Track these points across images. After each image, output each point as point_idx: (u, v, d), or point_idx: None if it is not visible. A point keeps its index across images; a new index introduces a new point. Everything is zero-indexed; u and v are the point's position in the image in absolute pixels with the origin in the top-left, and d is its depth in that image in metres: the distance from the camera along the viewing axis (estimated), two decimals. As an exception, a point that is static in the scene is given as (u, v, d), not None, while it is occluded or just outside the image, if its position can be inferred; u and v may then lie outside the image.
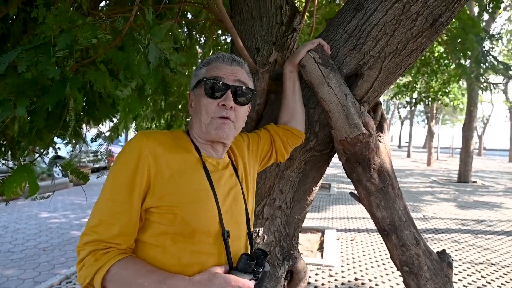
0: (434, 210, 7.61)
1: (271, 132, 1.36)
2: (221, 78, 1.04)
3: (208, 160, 1.05)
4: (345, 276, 3.98)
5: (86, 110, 2.61)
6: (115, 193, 0.92)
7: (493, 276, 4.08)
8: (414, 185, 11.37)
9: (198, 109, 1.06)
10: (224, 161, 1.11)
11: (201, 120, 1.04)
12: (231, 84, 1.04)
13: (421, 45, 1.33)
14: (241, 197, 1.10)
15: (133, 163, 0.93)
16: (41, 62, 1.21)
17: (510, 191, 10.55)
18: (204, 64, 1.10)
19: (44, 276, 3.92)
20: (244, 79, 1.07)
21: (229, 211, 1.03)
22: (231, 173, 1.12)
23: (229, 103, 1.02)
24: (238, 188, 1.10)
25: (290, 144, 1.37)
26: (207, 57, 1.12)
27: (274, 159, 1.37)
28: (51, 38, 1.21)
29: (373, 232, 5.78)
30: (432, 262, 1.47)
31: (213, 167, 1.06)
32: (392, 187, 1.47)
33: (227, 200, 1.04)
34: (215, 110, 1.03)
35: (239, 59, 1.11)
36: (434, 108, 16.51)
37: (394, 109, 32.17)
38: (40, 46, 1.21)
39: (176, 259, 0.93)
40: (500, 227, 6.33)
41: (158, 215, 0.93)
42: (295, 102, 1.41)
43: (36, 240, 5.21)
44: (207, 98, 1.03)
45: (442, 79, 5.95)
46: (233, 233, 1.02)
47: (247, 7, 1.84)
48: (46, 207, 7.26)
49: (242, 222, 1.07)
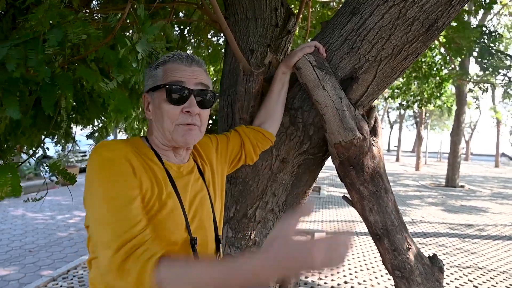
0: (422, 214, 7.69)
1: (241, 134, 1.33)
2: (183, 83, 0.96)
3: (171, 167, 1.01)
4: (334, 279, 3.98)
5: (76, 109, 2.57)
6: (112, 200, 0.84)
7: (480, 280, 4.13)
8: (403, 189, 11.47)
9: (160, 115, 0.98)
10: (188, 166, 1.06)
11: (164, 127, 0.98)
12: (193, 88, 0.97)
13: (416, 50, 1.34)
14: (207, 202, 1.07)
15: (124, 165, 0.88)
16: (31, 59, 1.17)
17: (496, 196, 10.72)
18: (160, 64, 1.00)
19: (30, 278, 3.83)
20: (205, 81, 1.01)
21: (196, 217, 1.01)
22: (197, 177, 1.08)
23: (194, 110, 0.96)
24: (205, 193, 1.07)
25: (260, 147, 1.35)
26: (162, 56, 1.06)
27: (243, 161, 1.34)
28: (41, 33, 1.17)
29: (362, 235, 5.81)
30: (424, 267, 1.47)
31: (177, 173, 1.01)
32: (385, 191, 1.47)
33: (193, 206, 1.01)
34: (179, 116, 0.96)
35: (197, 58, 1.03)
36: (423, 112, 16.71)
37: (384, 113, 32.50)
38: (29, 41, 1.18)
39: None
40: (487, 231, 6.43)
41: None
42: (278, 104, 1.39)
43: (22, 241, 5.10)
44: (169, 104, 0.96)
45: (434, 83, 6.02)
46: (201, 239, 1.00)
47: (241, 8, 1.83)
48: (33, 207, 7.12)
49: (209, 227, 1.05)
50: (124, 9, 1.24)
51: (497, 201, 9.77)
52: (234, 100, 1.66)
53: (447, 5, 1.24)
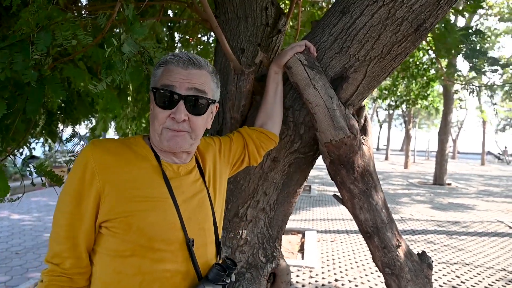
0: (411, 211, 7.78)
1: (244, 135, 1.32)
2: (173, 87, 0.94)
3: (168, 167, 1.00)
4: (325, 277, 4.01)
5: (64, 109, 2.53)
6: (64, 205, 0.92)
7: (467, 275, 4.20)
8: (392, 187, 11.60)
9: (151, 116, 0.99)
10: (187, 166, 1.05)
11: (154, 129, 0.98)
12: (183, 93, 0.94)
13: (405, 49, 1.35)
14: (207, 203, 1.05)
15: (79, 174, 0.91)
16: (16, 63, 1.14)
17: (482, 194, 10.92)
18: (162, 64, 0.99)
19: (17, 281, 3.77)
20: (201, 85, 0.96)
21: (193, 218, 1.00)
22: (196, 178, 1.07)
23: (179, 117, 0.93)
24: (204, 194, 1.06)
25: (263, 148, 1.34)
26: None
27: (247, 163, 1.33)
28: (28, 36, 1.15)
29: (353, 233, 5.86)
30: (413, 264, 1.49)
31: (173, 173, 1.01)
32: (375, 189, 1.49)
33: (190, 207, 1.00)
34: (166, 120, 0.95)
35: (198, 59, 0.98)
36: (411, 112, 16.92)
37: (373, 112, 32.79)
38: (16, 44, 1.15)
39: (136, 267, 0.91)
40: (473, 228, 6.54)
41: (112, 229, 0.91)
42: (275, 104, 1.39)
43: (8, 243, 5.01)
44: (158, 108, 0.96)
45: (421, 83, 6.10)
46: (199, 240, 0.99)
47: (232, 7, 1.83)
48: (19, 208, 7.00)
49: (208, 229, 1.04)
50: (114, 8, 1.22)
51: (483, 199, 9.95)
52: (225, 99, 1.65)
53: (435, 6, 1.26)
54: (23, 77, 1.14)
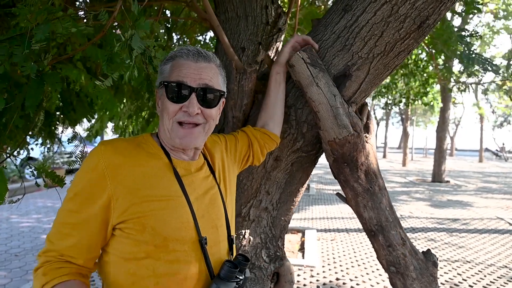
0: (410, 209, 7.79)
1: (249, 134, 1.32)
2: (185, 81, 0.94)
3: (178, 164, 1.00)
4: (326, 276, 4.00)
5: (62, 110, 2.51)
6: (72, 204, 0.90)
7: (469, 273, 4.20)
8: (390, 185, 11.62)
9: (161, 112, 0.99)
10: (197, 163, 1.05)
11: (164, 125, 0.98)
12: (195, 86, 0.94)
13: (408, 46, 1.34)
14: (219, 200, 1.05)
15: (89, 175, 0.90)
16: (16, 55, 1.13)
17: (481, 190, 10.95)
18: (169, 59, 0.99)
19: (16, 283, 3.75)
20: (211, 79, 0.97)
21: (206, 216, 0.98)
22: (207, 174, 1.06)
23: (193, 110, 0.93)
24: (216, 190, 1.05)
25: (267, 148, 1.35)
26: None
27: (251, 162, 1.33)
28: (27, 29, 1.14)
29: (352, 232, 5.86)
30: (418, 262, 1.48)
31: (184, 171, 1.00)
32: (378, 187, 1.48)
33: (202, 204, 0.99)
34: (178, 113, 0.95)
35: (206, 53, 0.99)
36: (409, 110, 16.93)
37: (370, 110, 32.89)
38: (15, 37, 1.14)
39: (150, 270, 0.90)
40: (473, 225, 6.55)
41: (126, 231, 0.89)
42: (277, 104, 1.38)
43: (7, 245, 4.98)
44: (169, 101, 0.95)
45: (420, 81, 6.10)
46: (212, 238, 0.98)
47: (232, 6, 1.82)
48: (18, 210, 6.97)
49: (221, 226, 1.03)
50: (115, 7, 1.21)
51: (482, 195, 9.98)
52: (226, 98, 1.64)
53: (438, 2, 1.25)
54: (22, 69, 1.13)
